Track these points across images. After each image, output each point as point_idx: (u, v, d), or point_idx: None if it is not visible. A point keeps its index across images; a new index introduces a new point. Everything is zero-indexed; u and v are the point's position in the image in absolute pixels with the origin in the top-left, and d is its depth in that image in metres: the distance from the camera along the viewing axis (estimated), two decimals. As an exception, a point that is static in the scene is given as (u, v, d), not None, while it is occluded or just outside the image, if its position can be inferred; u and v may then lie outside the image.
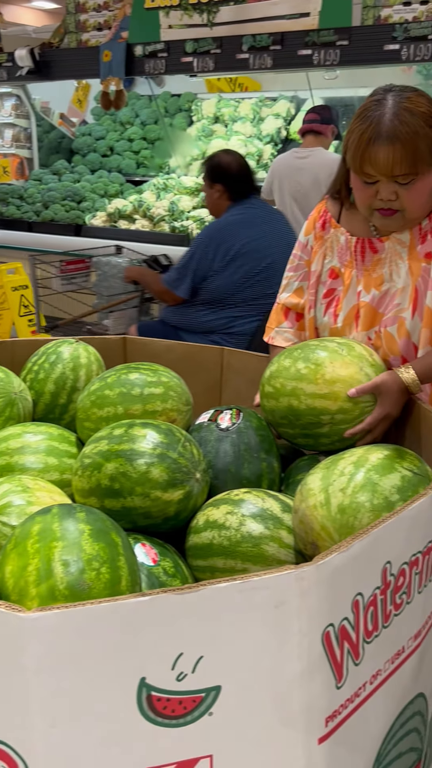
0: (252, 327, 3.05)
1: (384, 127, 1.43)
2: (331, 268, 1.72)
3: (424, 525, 1.07)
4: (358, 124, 1.47)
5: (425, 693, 1.20)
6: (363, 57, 4.25)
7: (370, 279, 1.65)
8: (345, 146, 1.54)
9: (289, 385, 1.47)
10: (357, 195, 1.57)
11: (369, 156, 1.45)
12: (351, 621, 0.94)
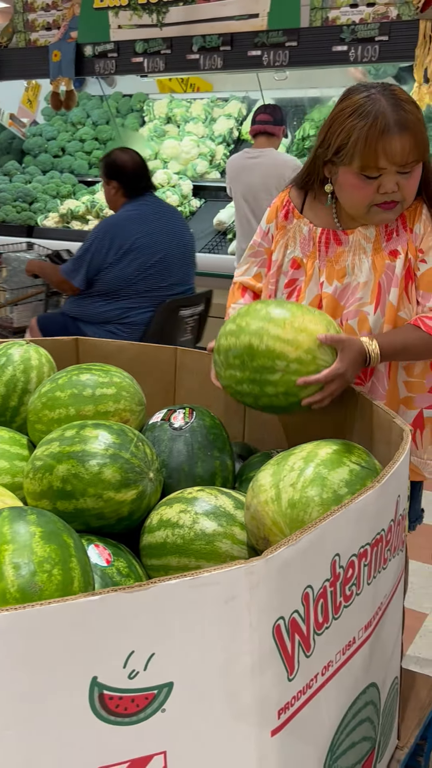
0: (146, 317, 3.27)
1: (392, 119, 1.47)
2: (293, 259, 1.72)
3: (371, 517, 1.09)
4: (358, 121, 1.48)
5: (377, 683, 1.22)
6: (312, 58, 4.30)
7: (332, 270, 1.67)
8: (333, 149, 1.52)
9: (254, 325, 1.45)
10: (355, 194, 1.55)
11: (384, 148, 1.47)
12: (301, 614, 0.95)
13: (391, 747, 1.40)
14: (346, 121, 1.50)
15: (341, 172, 1.55)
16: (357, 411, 1.56)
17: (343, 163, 1.52)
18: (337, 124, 1.52)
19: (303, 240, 1.71)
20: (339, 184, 1.58)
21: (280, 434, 1.75)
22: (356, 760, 1.18)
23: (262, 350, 1.42)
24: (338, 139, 1.51)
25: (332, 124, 1.53)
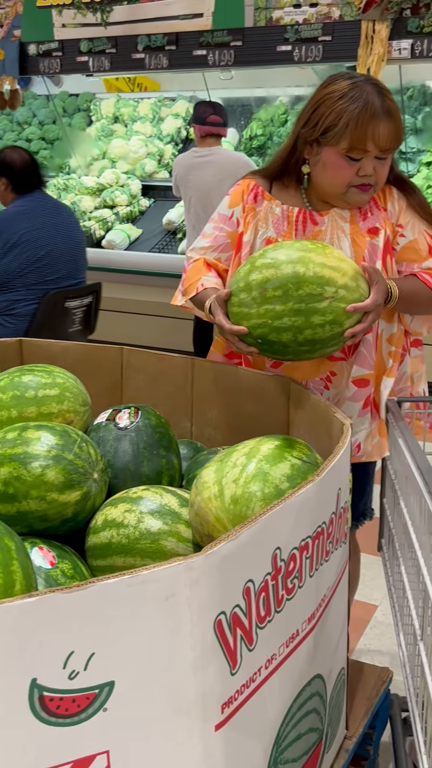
0: (31, 309, 3.40)
1: (379, 105, 1.57)
2: (266, 239, 1.75)
3: (312, 510, 1.10)
4: (348, 104, 1.57)
5: (323, 674, 1.24)
6: (257, 58, 4.33)
7: None
8: (321, 128, 1.60)
9: (295, 254, 1.44)
10: (337, 174, 1.63)
11: (373, 131, 1.57)
12: (243, 608, 0.96)
13: (340, 737, 1.42)
14: (335, 104, 1.58)
15: (325, 153, 1.63)
16: (300, 406, 1.58)
17: (329, 144, 1.60)
18: (325, 107, 1.60)
19: (276, 220, 1.75)
20: (322, 163, 1.65)
21: (227, 432, 1.76)
22: (303, 751, 1.20)
23: (309, 277, 1.42)
24: (327, 120, 1.59)
25: (319, 106, 1.61)
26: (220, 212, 1.83)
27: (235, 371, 1.75)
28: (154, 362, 1.89)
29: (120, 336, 4.83)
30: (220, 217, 1.82)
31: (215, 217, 1.84)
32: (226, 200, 1.83)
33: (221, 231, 1.81)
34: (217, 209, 1.85)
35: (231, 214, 1.80)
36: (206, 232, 1.84)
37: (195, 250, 1.84)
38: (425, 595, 1.16)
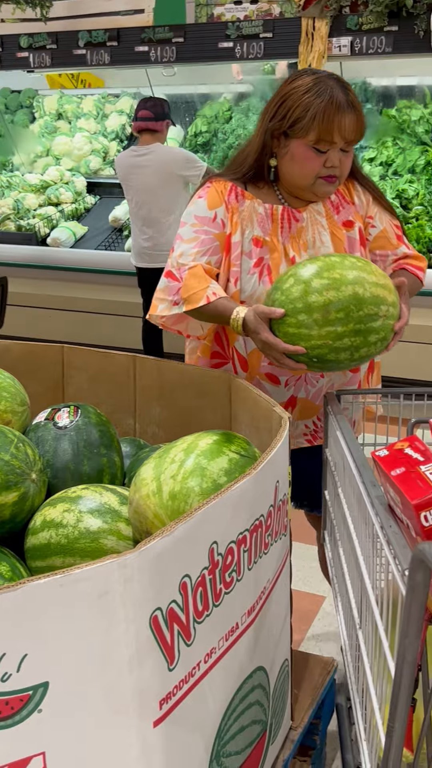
0: None
1: (344, 99, 1.64)
2: (254, 238, 1.76)
3: (249, 504, 1.11)
4: (314, 98, 1.63)
5: (265, 666, 1.25)
6: (198, 54, 4.33)
7: (297, 245, 1.78)
8: (290, 121, 1.65)
9: (350, 274, 1.47)
10: (305, 165, 1.69)
11: (339, 123, 1.63)
12: (179, 603, 0.96)
13: (285, 728, 1.43)
14: (302, 98, 1.64)
15: (293, 145, 1.68)
16: (241, 402, 1.59)
17: (297, 136, 1.66)
18: (291, 100, 1.66)
19: (260, 219, 1.77)
20: (290, 155, 1.70)
21: (171, 428, 1.76)
22: (247, 743, 1.20)
23: (367, 298, 1.46)
24: (294, 113, 1.65)
25: (285, 100, 1.67)
26: (198, 214, 1.77)
27: (178, 367, 1.75)
28: (95, 360, 1.87)
29: (66, 335, 4.78)
30: (200, 219, 1.76)
31: (191, 220, 1.77)
32: (201, 202, 1.78)
33: (206, 234, 1.75)
34: (191, 212, 1.79)
35: (214, 216, 1.76)
36: (186, 236, 1.77)
37: (185, 255, 1.75)
38: (362, 584, 1.18)
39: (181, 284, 1.73)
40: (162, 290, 1.78)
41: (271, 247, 1.76)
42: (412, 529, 0.86)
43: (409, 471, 0.87)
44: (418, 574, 0.74)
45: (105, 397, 1.81)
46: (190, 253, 1.75)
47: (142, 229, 4.30)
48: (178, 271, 1.75)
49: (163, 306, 1.77)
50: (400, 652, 0.82)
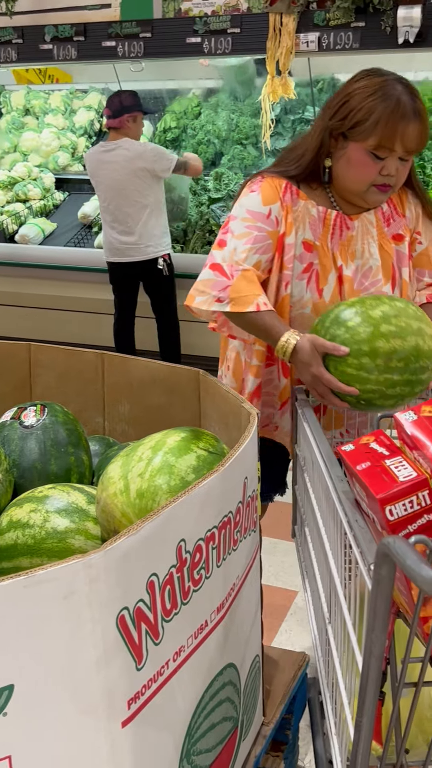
0: None
1: (410, 106, 1.57)
2: (304, 241, 1.71)
3: (217, 501, 1.10)
4: (380, 101, 1.56)
5: (235, 663, 1.24)
6: (166, 49, 4.31)
7: (345, 253, 1.73)
8: (351, 122, 1.59)
9: (414, 324, 1.46)
10: (361, 171, 1.62)
11: (402, 131, 1.57)
12: (147, 602, 0.95)
13: (257, 724, 1.43)
14: (366, 100, 1.57)
15: (351, 148, 1.63)
16: (210, 398, 1.58)
17: (357, 139, 1.60)
18: (355, 101, 1.59)
19: (313, 222, 1.71)
20: (346, 158, 1.64)
21: (140, 426, 1.75)
22: (217, 740, 1.20)
23: (425, 351, 1.46)
24: (357, 115, 1.58)
25: (349, 100, 1.60)
26: (252, 209, 1.70)
27: (147, 364, 1.74)
28: (63, 358, 1.85)
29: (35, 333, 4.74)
30: (253, 214, 1.70)
31: (244, 214, 1.70)
32: (255, 197, 1.70)
33: (260, 230, 1.69)
34: (244, 205, 1.71)
35: (269, 212, 1.69)
36: (237, 231, 1.70)
37: (237, 252, 1.68)
38: (331, 579, 1.18)
39: (230, 282, 1.66)
40: (205, 282, 1.70)
41: (321, 253, 1.71)
42: (378, 523, 0.86)
43: (375, 465, 0.87)
44: (383, 568, 0.74)
45: (73, 396, 1.79)
46: (242, 250, 1.68)
47: (112, 225, 4.27)
48: (230, 268, 1.68)
49: (202, 299, 1.69)
50: (366, 647, 0.82)
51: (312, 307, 1.73)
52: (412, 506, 0.81)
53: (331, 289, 1.73)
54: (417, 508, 0.81)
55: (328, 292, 1.72)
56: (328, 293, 1.72)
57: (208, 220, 4.69)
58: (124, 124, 4.22)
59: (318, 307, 1.73)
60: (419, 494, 0.81)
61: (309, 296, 1.72)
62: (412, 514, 0.82)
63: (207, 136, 5.25)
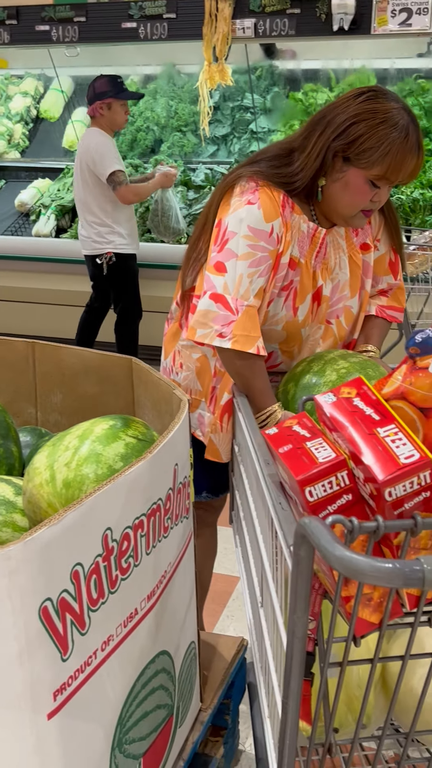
0: None
1: (416, 138, 1.51)
2: (290, 258, 1.62)
3: (145, 488, 1.09)
4: (391, 131, 1.48)
5: (169, 650, 1.24)
6: (102, 34, 4.25)
7: (325, 271, 1.68)
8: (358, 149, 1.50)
9: None
10: (356, 198, 1.56)
11: (407, 164, 1.52)
12: (71, 592, 0.94)
13: (194, 710, 1.43)
14: (377, 128, 1.49)
15: (352, 173, 1.55)
16: (143, 386, 1.57)
17: (361, 166, 1.52)
18: (366, 126, 1.50)
19: (301, 238, 1.63)
20: (344, 182, 1.56)
21: (73, 416, 1.73)
22: (151, 728, 1.20)
23: None
24: (366, 143, 1.50)
25: (358, 122, 1.51)
26: (253, 225, 1.56)
27: (79, 353, 1.72)
28: None
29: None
30: (255, 232, 1.56)
31: (245, 231, 1.56)
32: (255, 211, 1.56)
33: (263, 251, 1.57)
34: (243, 220, 1.57)
35: (271, 230, 1.57)
36: (240, 251, 1.56)
37: (243, 280, 1.55)
38: (262, 562, 1.18)
39: (235, 317, 1.55)
40: (206, 314, 1.58)
41: (304, 271, 1.65)
42: (299, 504, 0.86)
43: (296, 448, 0.87)
44: (302, 549, 0.75)
45: (4, 386, 1.76)
46: (247, 274, 1.56)
47: (80, 215, 4.19)
48: (235, 302, 1.56)
49: (203, 332, 1.58)
50: (289, 628, 0.83)
51: (284, 325, 1.69)
52: (332, 487, 0.82)
53: (306, 309, 1.68)
54: (336, 488, 0.82)
55: (303, 311, 1.68)
56: (302, 313, 1.68)
57: (147, 208, 4.65)
58: (96, 112, 4.03)
59: (289, 325, 1.69)
60: (338, 475, 0.82)
61: (284, 314, 1.67)
62: (331, 494, 0.82)
63: (146, 123, 5.20)
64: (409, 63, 4.79)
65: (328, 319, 1.73)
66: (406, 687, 1.12)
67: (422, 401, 0.83)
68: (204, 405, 1.82)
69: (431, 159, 4.44)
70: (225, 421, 1.75)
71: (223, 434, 1.76)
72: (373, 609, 0.85)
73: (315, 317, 1.71)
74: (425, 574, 0.60)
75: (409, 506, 0.76)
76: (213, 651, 1.62)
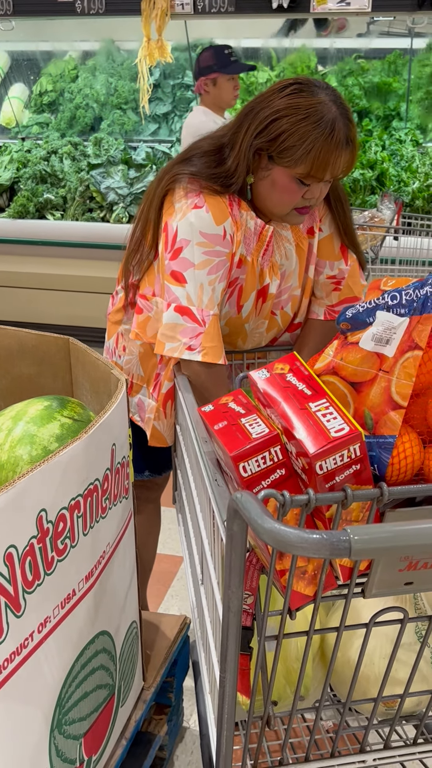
0: None
1: (343, 133, 1.43)
2: (239, 257, 1.58)
3: (81, 468, 1.08)
4: (313, 128, 1.41)
5: (109, 630, 1.23)
6: (37, 8, 4.15)
7: (272, 267, 1.64)
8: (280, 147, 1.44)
9: None
10: (284, 197, 1.51)
11: (334, 162, 1.44)
12: (5, 575, 0.92)
13: (137, 689, 1.43)
14: (299, 124, 1.42)
15: (277, 172, 1.49)
16: (81, 366, 1.55)
17: (284, 165, 1.47)
18: (287, 123, 1.43)
19: (248, 235, 1.58)
20: (270, 180, 1.51)
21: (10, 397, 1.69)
22: (92, 708, 1.19)
23: None
24: (287, 141, 1.44)
25: (279, 119, 1.44)
26: (205, 231, 1.52)
27: (14, 333, 1.68)
28: None
29: None
30: (209, 237, 1.52)
31: (198, 238, 1.52)
32: (204, 215, 1.52)
33: (219, 255, 1.53)
34: (193, 225, 1.52)
35: (224, 232, 1.53)
36: (196, 259, 1.52)
37: (205, 289, 1.52)
38: (201, 540, 1.19)
39: (203, 329, 1.52)
40: (172, 327, 1.54)
41: (249, 269, 1.61)
42: (234, 480, 0.86)
43: (231, 424, 0.87)
44: (234, 523, 0.75)
45: None
46: (209, 282, 1.52)
47: None
48: (201, 313, 1.52)
49: (172, 346, 1.54)
50: (224, 603, 0.83)
51: (227, 321, 1.68)
52: (265, 462, 0.82)
53: (250, 306, 1.66)
54: (270, 463, 0.82)
55: (246, 309, 1.66)
56: (246, 310, 1.66)
57: (88, 186, 4.58)
58: (201, 89, 3.73)
59: (233, 321, 1.68)
60: (271, 450, 0.82)
61: (227, 310, 1.65)
62: (265, 469, 0.82)
63: (85, 101, 5.11)
64: (348, 43, 4.81)
65: (273, 311, 1.71)
66: (344, 658, 1.14)
67: (352, 376, 0.84)
68: (145, 391, 1.80)
69: (370, 139, 4.49)
70: (168, 407, 1.74)
71: (166, 420, 1.75)
72: (308, 582, 0.86)
73: (259, 313, 1.70)
74: (352, 543, 0.61)
75: (340, 479, 0.77)
76: (156, 630, 1.62)
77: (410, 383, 0.82)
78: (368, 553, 0.62)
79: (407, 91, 4.65)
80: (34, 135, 5.21)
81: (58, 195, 4.65)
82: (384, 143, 4.48)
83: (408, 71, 4.63)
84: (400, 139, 4.51)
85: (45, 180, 4.69)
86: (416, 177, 4.20)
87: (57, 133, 5.12)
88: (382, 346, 0.85)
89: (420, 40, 4.55)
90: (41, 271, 4.35)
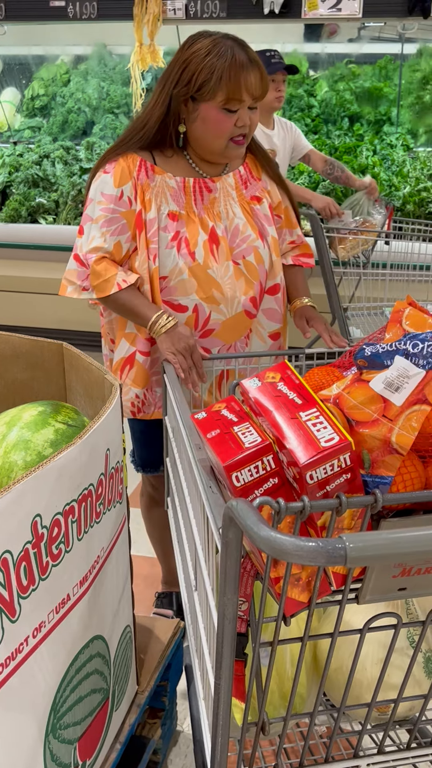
0: None
1: (245, 56, 1.64)
2: (170, 213, 1.77)
3: (75, 474, 1.08)
4: (217, 59, 1.62)
5: (103, 635, 1.24)
6: (29, 13, 4.14)
7: (211, 215, 1.80)
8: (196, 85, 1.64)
9: None
10: (217, 127, 1.69)
11: (245, 80, 1.64)
12: (1, 580, 0.93)
13: (131, 693, 1.44)
14: (204, 60, 1.64)
15: (203, 108, 1.68)
16: (74, 371, 1.55)
17: (206, 99, 1.66)
18: (194, 65, 1.65)
19: (174, 193, 1.78)
20: (201, 119, 1.69)
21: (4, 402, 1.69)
22: (87, 712, 1.20)
23: None
24: (200, 77, 1.64)
25: (188, 65, 1.66)
26: (105, 192, 1.77)
27: (7, 338, 1.68)
28: None
29: None
30: (106, 197, 1.77)
31: (99, 197, 1.77)
32: (108, 179, 1.77)
33: (113, 212, 1.77)
34: (98, 189, 1.78)
35: (120, 194, 1.76)
36: (94, 214, 1.78)
37: (95, 238, 1.77)
38: (195, 546, 1.19)
39: (88, 271, 1.78)
40: (70, 272, 1.82)
41: (188, 220, 1.79)
42: (228, 489, 0.87)
43: (224, 433, 0.87)
44: (230, 531, 0.75)
45: None
46: (99, 234, 1.77)
47: None
48: (85, 257, 1.79)
49: (71, 288, 1.82)
50: (220, 610, 0.83)
51: (189, 272, 1.79)
52: (258, 471, 0.82)
53: (202, 251, 1.79)
54: (262, 472, 0.83)
55: (200, 254, 1.79)
56: (200, 255, 1.79)
57: (80, 191, 4.58)
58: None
59: (195, 270, 1.79)
60: (264, 459, 0.82)
61: (182, 262, 1.78)
62: (258, 479, 0.83)
63: (77, 105, 5.11)
64: (340, 48, 4.82)
65: (235, 260, 1.83)
66: (338, 663, 1.15)
67: (352, 411, 0.85)
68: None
69: (362, 144, 4.51)
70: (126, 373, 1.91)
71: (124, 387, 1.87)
72: (302, 589, 0.87)
73: (218, 258, 1.81)
74: (347, 551, 0.61)
75: (331, 488, 0.78)
76: (149, 634, 1.63)
77: (412, 436, 0.83)
78: (364, 560, 0.63)
79: (398, 96, 4.67)
80: (26, 139, 5.20)
81: (50, 199, 4.65)
82: (375, 148, 4.50)
83: (399, 76, 4.65)
84: (391, 143, 4.53)
85: (37, 184, 4.69)
86: (407, 182, 4.21)
87: (49, 138, 5.11)
88: (390, 392, 0.86)
89: (410, 45, 4.57)
90: (33, 275, 4.34)
